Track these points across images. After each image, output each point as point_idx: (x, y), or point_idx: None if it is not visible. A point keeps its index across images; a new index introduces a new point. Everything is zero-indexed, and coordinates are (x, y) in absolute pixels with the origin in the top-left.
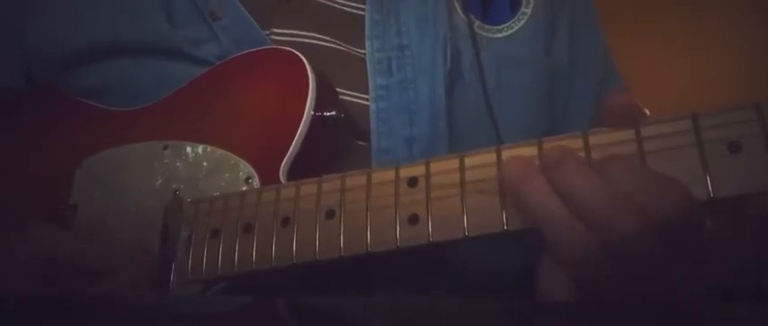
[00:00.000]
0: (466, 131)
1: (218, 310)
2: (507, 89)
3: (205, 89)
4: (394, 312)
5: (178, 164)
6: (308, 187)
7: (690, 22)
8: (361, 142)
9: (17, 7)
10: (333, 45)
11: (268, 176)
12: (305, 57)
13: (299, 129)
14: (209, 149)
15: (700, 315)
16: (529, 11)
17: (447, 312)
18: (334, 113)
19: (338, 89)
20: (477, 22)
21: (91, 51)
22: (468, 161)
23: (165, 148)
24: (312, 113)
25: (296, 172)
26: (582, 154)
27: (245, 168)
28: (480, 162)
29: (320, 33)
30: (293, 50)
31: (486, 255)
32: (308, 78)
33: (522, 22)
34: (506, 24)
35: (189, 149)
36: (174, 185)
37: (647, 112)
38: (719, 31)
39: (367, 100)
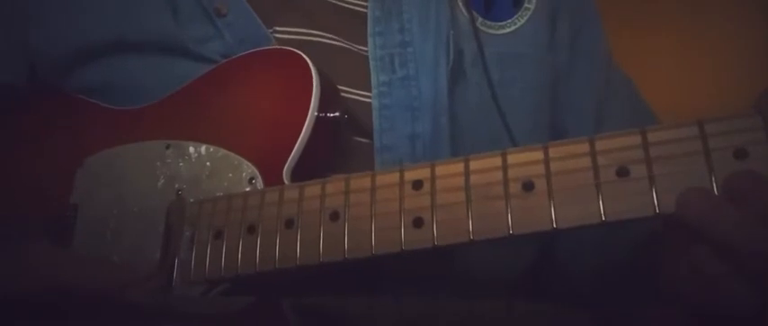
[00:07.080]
0: (468, 127)
1: (220, 311)
2: (510, 85)
3: (208, 88)
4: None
5: (181, 164)
6: (312, 189)
7: (692, 22)
8: (363, 140)
9: (19, 6)
10: (336, 43)
11: (271, 176)
12: (308, 55)
13: (303, 130)
14: (211, 149)
15: None
16: (532, 6)
17: (450, 315)
18: (337, 113)
19: (341, 87)
20: (480, 19)
21: (95, 50)
22: (473, 165)
23: (168, 147)
24: (316, 114)
25: (299, 172)
26: (588, 159)
27: (249, 169)
28: (486, 166)
29: (323, 31)
30: (297, 51)
31: (490, 258)
32: (312, 79)
33: (526, 17)
34: (509, 20)
35: (191, 149)
36: (176, 186)
37: None
38: (722, 31)
39: (369, 97)
